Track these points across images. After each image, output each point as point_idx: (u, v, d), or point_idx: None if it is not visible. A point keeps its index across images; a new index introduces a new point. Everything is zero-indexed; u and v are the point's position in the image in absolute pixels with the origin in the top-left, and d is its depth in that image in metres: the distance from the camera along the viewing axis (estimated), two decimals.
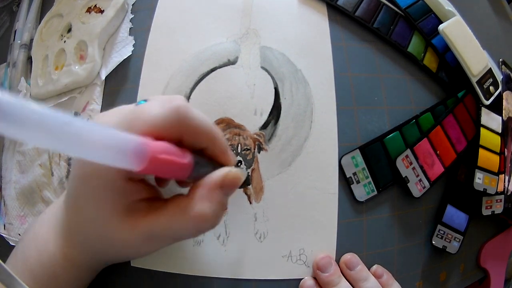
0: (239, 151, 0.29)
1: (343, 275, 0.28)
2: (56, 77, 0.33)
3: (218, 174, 0.22)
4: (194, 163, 0.20)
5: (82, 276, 0.26)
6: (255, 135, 0.30)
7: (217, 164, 0.23)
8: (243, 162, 0.29)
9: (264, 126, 0.30)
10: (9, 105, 0.12)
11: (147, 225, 0.21)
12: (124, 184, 0.21)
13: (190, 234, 0.23)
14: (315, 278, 0.29)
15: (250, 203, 0.29)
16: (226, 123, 0.30)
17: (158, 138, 0.19)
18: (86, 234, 0.23)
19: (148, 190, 0.23)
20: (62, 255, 0.24)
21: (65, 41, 0.34)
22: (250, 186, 0.29)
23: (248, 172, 0.29)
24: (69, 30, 0.35)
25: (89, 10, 0.35)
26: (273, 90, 0.30)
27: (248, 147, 0.29)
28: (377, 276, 0.29)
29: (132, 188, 0.21)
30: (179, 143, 0.21)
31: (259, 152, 0.29)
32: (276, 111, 0.30)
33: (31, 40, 0.37)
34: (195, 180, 0.22)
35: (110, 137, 0.16)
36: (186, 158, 0.20)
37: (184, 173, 0.20)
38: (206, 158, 0.23)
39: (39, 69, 0.35)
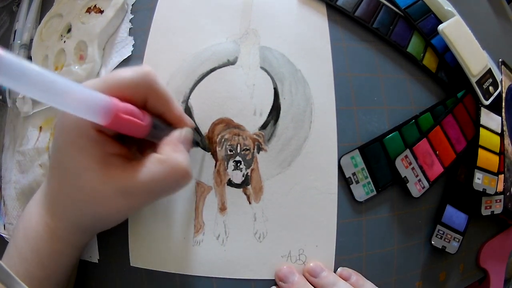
0: (238, 151, 0.29)
1: (310, 283, 0.28)
2: None
3: (178, 132, 0.26)
4: (152, 125, 0.24)
5: (64, 251, 0.27)
6: (254, 135, 0.30)
7: (173, 127, 0.26)
8: (242, 162, 0.29)
9: (263, 126, 0.30)
10: (11, 62, 0.16)
11: (124, 179, 0.23)
12: (98, 134, 0.23)
13: (168, 188, 0.25)
14: None
15: (250, 203, 0.29)
16: (226, 123, 0.30)
17: (125, 99, 0.22)
18: (66, 192, 0.25)
19: (121, 148, 0.25)
20: (44, 226, 0.26)
21: (65, 41, 0.34)
22: (249, 186, 0.29)
23: (248, 172, 0.29)
24: (69, 30, 0.35)
25: (88, 10, 0.35)
26: (273, 90, 0.30)
27: (247, 147, 0.29)
28: (344, 279, 0.28)
29: (105, 140, 0.24)
30: (143, 107, 0.24)
31: (258, 152, 0.29)
32: (275, 111, 0.30)
33: (31, 40, 0.37)
34: (154, 140, 0.25)
35: (85, 94, 0.20)
36: (145, 121, 0.23)
37: (142, 133, 0.24)
38: (164, 122, 0.26)
39: None
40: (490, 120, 0.34)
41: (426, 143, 0.31)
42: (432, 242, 0.32)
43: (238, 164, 0.29)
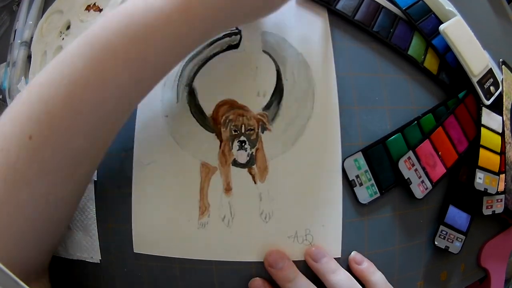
0: (243, 131, 0.29)
1: (310, 267, 0.28)
2: None
3: None
4: None
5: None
6: (258, 116, 0.30)
7: None
8: (247, 142, 0.29)
9: (267, 107, 0.30)
10: None
11: None
12: None
13: None
14: (266, 279, 0.28)
15: (255, 183, 0.29)
16: (230, 105, 0.30)
17: None
18: None
19: None
20: None
21: (63, 38, 0.34)
22: (254, 166, 0.29)
23: (252, 152, 0.29)
24: (68, 27, 0.35)
25: (88, 8, 0.35)
26: (275, 72, 0.30)
27: (252, 127, 0.29)
28: (357, 263, 0.28)
29: None
30: None
31: (263, 132, 0.29)
32: (278, 92, 0.30)
33: (32, 38, 0.37)
34: None
35: None
36: None
37: None
38: None
39: (38, 65, 0.35)
40: (491, 120, 0.34)
41: (429, 144, 0.31)
42: (436, 243, 0.32)
43: (243, 144, 0.29)
